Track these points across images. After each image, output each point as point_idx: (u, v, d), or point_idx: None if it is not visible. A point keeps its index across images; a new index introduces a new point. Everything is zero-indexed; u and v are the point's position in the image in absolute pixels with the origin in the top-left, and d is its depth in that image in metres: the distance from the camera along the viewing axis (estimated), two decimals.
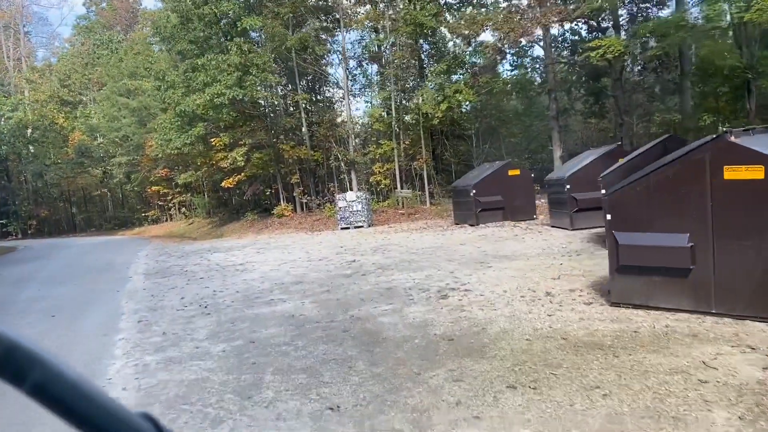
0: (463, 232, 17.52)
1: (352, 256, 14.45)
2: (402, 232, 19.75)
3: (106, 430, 0.56)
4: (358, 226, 23.51)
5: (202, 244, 25.37)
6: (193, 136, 29.63)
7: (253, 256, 16.93)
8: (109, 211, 60.75)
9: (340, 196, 23.99)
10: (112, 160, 51.17)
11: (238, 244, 21.67)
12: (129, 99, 45.12)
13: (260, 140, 29.36)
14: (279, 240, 22.11)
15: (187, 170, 41.29)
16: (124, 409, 0.58)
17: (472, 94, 23.46)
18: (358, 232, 21.78)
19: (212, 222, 39.13)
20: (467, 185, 19.24)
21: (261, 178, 31.77)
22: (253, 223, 30.47)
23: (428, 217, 24.83)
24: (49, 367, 0.54)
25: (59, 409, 0.54)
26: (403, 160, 28.09)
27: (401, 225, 23.04)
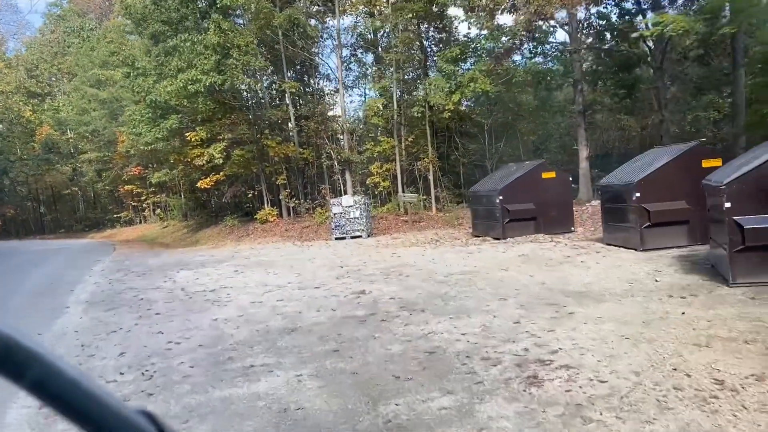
0: (493, 248, 14.13)
1: (358, 281, 11.01)
2: (412, 246, 16.33)
3: (104, 426, 0.56)
4: (356, 236, 20.08)
5: (172, 254, 21.79)
6: (165, 130, 26.07)
7: (230, 277, 13.43)
8: (79, 212, 56.75)
9: (334, 201, 20.55)
10: (81, 156, 47.32)
11: (213, 258, 18.12)
12: (99, 90, 41.31)
13: (242, 135, 25.81)
14: (262, 252, 18.60)
15: (162, 168, 37.68)
16: (122, 406, 0.58)
17: (489, 83, 20.19)
18: (357, 244, 18.33)
19: (188, 226, 35.49)
20: (492, 190, 15.88)
21: (242, 179, 28.22)
22: (232, 229, 26.91)
23: (436, 225, 21.44)
24: (49, 364, 0.54)
25: (58, 405, 0.54)
26: (405, 160, 24.72)
27: (406, 235, 19.63)
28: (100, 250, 26.44)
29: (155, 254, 22.26)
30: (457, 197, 24.16)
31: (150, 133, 26.80)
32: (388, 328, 7.44)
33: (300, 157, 26.09)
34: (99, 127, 41.93)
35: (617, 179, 12.47)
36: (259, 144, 25.27)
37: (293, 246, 20.00)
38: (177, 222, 39.13)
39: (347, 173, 24.97)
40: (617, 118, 23.71)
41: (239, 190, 27.35)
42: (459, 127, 24.39)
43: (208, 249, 22.63)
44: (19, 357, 0.53)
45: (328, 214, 24.41)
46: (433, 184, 23.54)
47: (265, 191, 26.33)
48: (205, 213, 36.15)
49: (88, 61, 44.24)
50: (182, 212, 39.20)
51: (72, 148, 49.61)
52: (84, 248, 29.39)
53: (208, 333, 8.06)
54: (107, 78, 41.10)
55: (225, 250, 21.40)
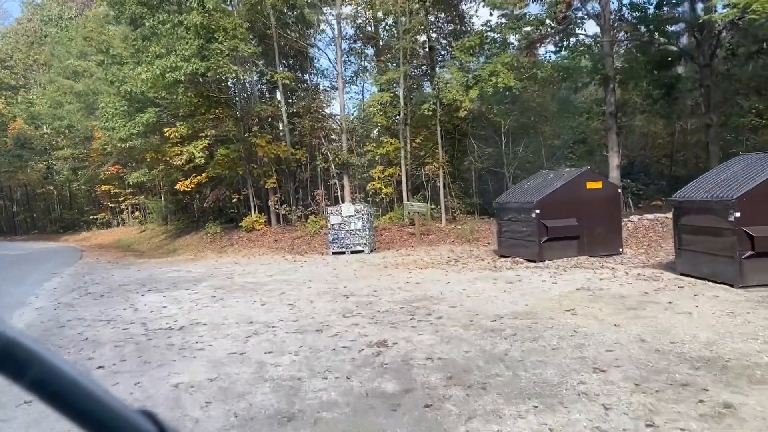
0: (535, 275, 11.40)
1: (373, 323, 8.27)
2: (429, 268, 13.58)
3: (105, 425, 0.55)
4: (357, 251, 17.33)
5: (144, 266, 18.93)
6: (142, 125, 23.19)
7: (206, 306, 10.65)
8: (55, 212, 53.46)
9: (333, 210, 17.78)
10: (55, 153, 44.22)
11: (189, 275, 15.27)
12: (75, 82, 38.28)
13: (227, 132, 23.00)
14: (247, 269, 15.79)
15: (140, 168, 34.74)
16: (123, 405, 0.58)
17: (513, 78, 17.56)
18: (359, 262, 15.57)
19: (167, 231, 32.56)
20: (527, 202, 13.20)
21: (227, 181, 25.39)
22: (214, 238, 24.06)
23: (449, 240, 18.74)
24: (49, 363, 0.54)
25: (58, 405, 0.54)
26: (411, 164, 22.04)
27: (416, 252, 16.91)
28: (64, 258, 23.48)
29: (124, 265, 19.38)
30: (468, 207, 21.48)
31: (125, 128, 23.91)
32: (439, 424, 4.72)
33: (292, 159, 23.32)
34: (74, 122, 38.88)
35: (703, 192, 9.81)
36: (246, 143, 22.48)
37: (284, 261, 17.20)
38: (156, 226, 36.15)
39: (345, 177, 22.22)
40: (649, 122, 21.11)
41: (223, 193, 24.52)
42: (473, 129, 21.70)
43: (186, 261, 19.78)
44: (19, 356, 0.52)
45: (323, 223, 21.68)
46: (443, 192, 20.86)
47: (252, 196, 23.53)
48: (186, 217, 33.24)
49: (64, 50, 41.17)
50: (162, 215, 36.24)
51: (46, 144, 46.43)
52: (48, 254, 26.40)
53: (161, 413, 5.27)
54: (84, 69, 38.09)
55: (204, 263, 18.57)
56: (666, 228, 15.66)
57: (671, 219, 16.14)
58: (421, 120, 21.79)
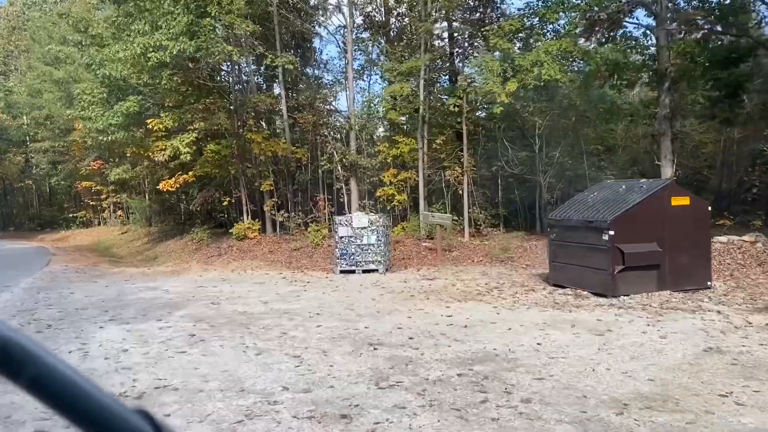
0: (628, 323, 8.53)
1: (428, 409, 5.42)
2: (469, 300, 10.72)
3: (101, 424, 0.55)
4: (370, 270, 14.49)
5: (115, 278, 16.04)
6: (121, 115, 20.29)
7: (180, 352, 7.81)
8: (33, 208, 50.25)
9: (341, 220, 14.92)
10: (33, 145, 41.22)
11: (166, 297, 12.35)
12: (56, 69, 35.30)
13: (218, 126, 20.13)
14: (237, 290, 12.91)
15: (123, 164, 31.81)
16: (119, 405, 0.57)
17: (559, 70, 14.85)
18: (376, 286, 12.71)
19: (150, 234, 29.64)
20: (598, 220, 10.41)
21: (216, 181, 22.51)
22: (200, 245, 21.18)
23: (476, 258, 15.93)
24: (46, 362, 0.53)
25: (55, 404, 0.54)
26: (429, 168, 19.25)
27: (442, 273, 14.08)
28: (28, 264, 20.48)
29: (93, 277, 16.47)
30: (493, 219, 18.69)
31: (102, 117, 21.01)
32: None
33: (292, 158, 20.48)
34: (53, 112, 35.88)
35: None
36: (240, 138, 19.62)
37: (282, 280, 14.33)
38: (139, 228, 33.19)
39: (353, 181, 19.40)
40: (707, 128, 18.32)
41: (212, 195, 21.59)
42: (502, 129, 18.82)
43: (166, 273, 16.89)
44: (16, 356, 0.52)
45: (325, 233, 18.87)
46: (467, 201, 18.06)
47: (245, 199, 20.65)
48: (171, 219, 30.31)
49: (46, 35, 38.17)
50: (145, 216, 33.28)
51: (24, 136, 43.37)
52: (12, 258, 23.38)
53: None
54: (67, 56, 35.11)
55: (186, 278, 15.68)
56: (747, 254, 12.94)
57: (750, 243, 13.48)
58: (441, 117, 19.02)
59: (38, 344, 0.55)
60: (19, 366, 0.52)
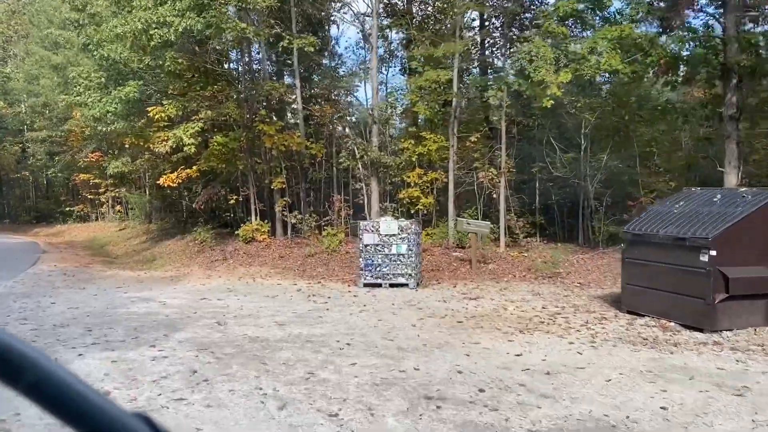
0: (760, 372, 6.63)
1: None
2: (535, 331, 8.75)
3: (101, 429, 0.55)
4: (398, 284, 12.54)
5: (107, 283, 14.16)
6: (119, 101, 18.41)
7: (177, 399, 5.92)
8: (30, 200, 48.31)
9: (367, 225, 12.95)
10: (29, 134, 39.35)
11: (162, 314, 10.40)
12: (54, 53, 33.42)
13: (226, 116, 18.20)
14: (247, 307, 10.98)
15: (122, 156, 29.93)
16: (118, 409, 0.57)
17: (620, 60, 12.91)
18: (412, 306, 10.77)
19: (149, 232, 27.72)
20: (694, 237, 8.47)
21: (222, 177, 20.58)
22: (203, 247, 19.27)
23: (518, 273, 13.97)
24: (44, 367, 0.53)
25: (54, 409, 0.54)
26: (461, 168, 17.30)
27: (483, 291, 12.13)
28: (14, 262, 18.54)
29: (82, 282, 14.56)
30: (529, 227, 16.72)
31: (99, 103, 19.12)
32: None
33: (306, 154, 18.55)
34: (50, 100, 34.00)
35: None
36: (250, 130, 17.69)
37: (297, 294, 12.40)
38: (138, 224, 31.27)
39: (374, 181, 17.45)
40: None
41: (217, 192, 19.63)
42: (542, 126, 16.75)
43: (164, 280, 14.97)
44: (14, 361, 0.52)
45: (341, 237, 16.97)
46: (504, 207, 16.11)
47: (254, 197, 18.71)
48: (172, 217, 28.40)
49: (45, 18, 36.29)
50: (145, 212, 31.35)
51: (21, 124, 41.47)
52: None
53: None
54: (66, 40, 33.22)
55: (187, 286, 13.76)
56: None
57: None
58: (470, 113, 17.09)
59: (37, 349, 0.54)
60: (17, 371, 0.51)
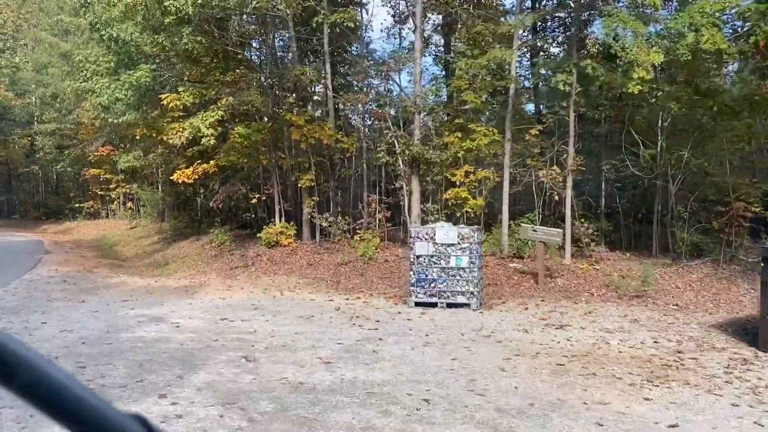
0: None
1: None
2: (670, 381, 6.58)
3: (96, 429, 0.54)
4: (458, 304, 10.42)
5: (111, 294, 12.17)
6: (130, 87, 16.47)
7: None
8: (39, 195, 46.64)
9: (419, 232, 10.80)
10: (37, 126, 37.60)
11: (175, 340, 8.31)
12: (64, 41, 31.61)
13: (248, 106, 16.16)
14: (279, 331, 8.88)
15: (134, 150, 28.09)
16: (113, 410, 0.56)
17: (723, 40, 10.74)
18: (483, 336, 8.62)
19: (162, 232, 25.78)
20: None
21: (243, 174, 18.55)
22: (221, 251, 17.28)
23: (596, 290, 11.79)
24: (38, 367, 0.53)
25: (48, 409, 0.53)
26: (517, 166, 15.15)
27: (568, 317, 9.98)
28: (8, 266, 16.62)
29: (81, 293, 12.57)
30: (595, 235, 14.49)
31: (108, 90, 17.17)
32: None
33: (337, 147, 16.48)
34: (59, 90, 32.18)
35: None
36: (276, 120, 15.64)
37: (335, 312, 10.32)
38: (149, 223, 29.37)
39: (414, 180, 15.34)
40: None
41: (237, 190, 17.55)
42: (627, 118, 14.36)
43: (177, 291, 12.93)
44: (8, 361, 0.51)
45: (377, 243, 14.91)
46: (570, 211, 13.94)
47: (278, 196, 16.65)
48: (186, 215, 26.46)
49: (55, 4, 34.50)
50: (157, 210, 29.44)
51: (29, 116, 39.74)
52: None
53: None
54: (77, 27, 31.39)
55: (204, 300, 11.71)
56: None
57: None
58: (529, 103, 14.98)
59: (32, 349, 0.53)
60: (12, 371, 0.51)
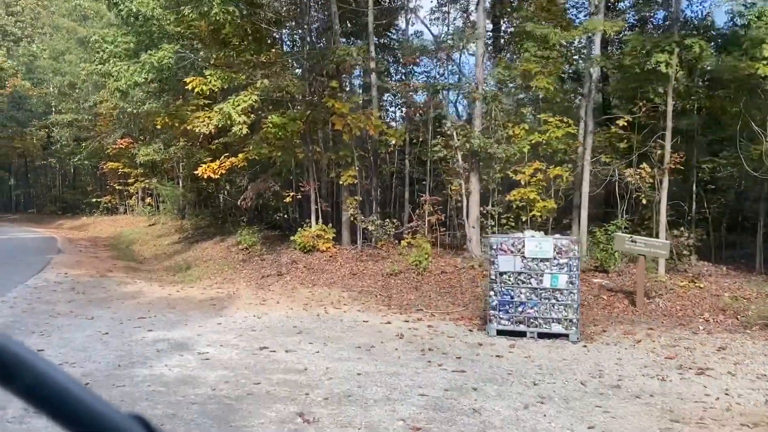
0: None
1: None
2: None
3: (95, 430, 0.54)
4: (553, 335, 8.36)
5: (127, 308, 10.28)
6: (150, 68, 14.61)
7: None
8: (56, 189, 45.16)
9: (501, 243, 8.66)
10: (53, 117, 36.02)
11: (204, 380, 6.29)
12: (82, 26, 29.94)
13: (283, 90, 14.20)
14: (335, 365, 6.88)
15: (154, 142, 26.32)
16: (113, 410, 0.56)
17: None
18: (611, 387, 6.53)
19: (183, 231, 23.97)
20: None
21: (274, 169, 16.59)
22: (250, 254, 15.37)
23: (709, 316, 9.61)
24: (38, 369, 0.53)
25: (49, 411, 0.53)
26: (597, 164, 13.00)
27: (699, 354, 7.82)
28: (14, 267, 14.81)
29: (90, 305, 10.68)
30: (693, 246, 12.22)
31: (126, 73, 15.32)
32: None
33: (382, 139, 14.48)
34: (76, 78, 30.52)
35: None
36: (317, 107, 13.68)
37: (399, 341, 8.29)
38: (169, 220, 27.56)
39: (474, 177, 13.28)
40: None
41: (269, 187, 15.54)
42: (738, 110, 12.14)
43: (203, 304, 10.98)
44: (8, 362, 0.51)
45: (428, 249, 12.89)
46: (665, 217, 11.77)
47: (316, 195, 14.68)
48: (208, 213, 24.63)
49: None
50: (178, 206, 27.65)
51: (45, 107, 38.20)
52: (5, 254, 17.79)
53: None
54: (95, 12, 29.73)
55: (236, 316, 9.75)
56: None
57: None
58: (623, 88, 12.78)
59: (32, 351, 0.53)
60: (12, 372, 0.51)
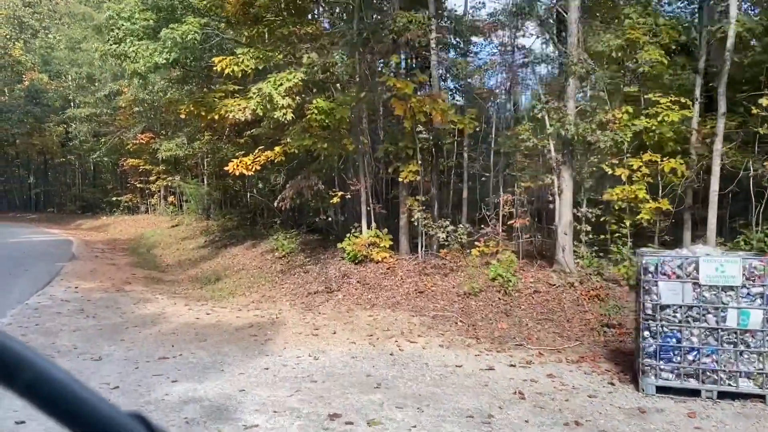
0: None
1: None
2: None
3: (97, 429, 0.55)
4: (739, 395, 5.94)
5: (145, 334, 7.99)
6: (172, 45, 12.39)
7: None
8: (75, 187, 43.43)
9: (663, 259, 6.25)
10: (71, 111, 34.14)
11: None
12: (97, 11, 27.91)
13: (328, 70, 11.88)
14: None
15: (177, 136, 24.22)
16: (114, 409, 0.56)
17: None
18: None
19: (208, 232, 21.83)
20: None
21: (315, 165, 14.26)
22: (289, 265, 13.10)
23: None
24: (39, 367, 0.53)
25: (50, 409, 0.53)
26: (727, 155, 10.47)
27: None
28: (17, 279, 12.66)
29: (98, 338, 8.44)
30: None
31: (145, 52, 13.15)
32: None
33: (447, 128, 12.10)
34: (94, 71, 28.54)
35: None
36: (373, 88, 11.35)
37: (518, 402, 5.89)
38: (193, 220, 25.49)
39: (566, 172, 10.85)
40: None
41: (313, 185, 13.14)
42: None
43: (240, 335, 8.67)
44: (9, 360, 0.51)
45: (513, 261, 10.52)
46: None
47: (368, 194, 12.32)
48: (236, 213, 22.45)
49: None
50: (202, 206, 25.56)
51: (63, 101, 36.37)
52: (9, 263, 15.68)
53: None
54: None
55: (284, 355, 7.41)
56: None
57: None
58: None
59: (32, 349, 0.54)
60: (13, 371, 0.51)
